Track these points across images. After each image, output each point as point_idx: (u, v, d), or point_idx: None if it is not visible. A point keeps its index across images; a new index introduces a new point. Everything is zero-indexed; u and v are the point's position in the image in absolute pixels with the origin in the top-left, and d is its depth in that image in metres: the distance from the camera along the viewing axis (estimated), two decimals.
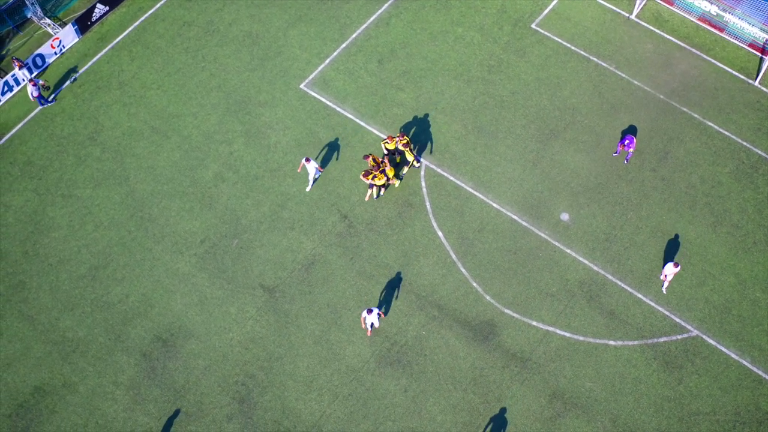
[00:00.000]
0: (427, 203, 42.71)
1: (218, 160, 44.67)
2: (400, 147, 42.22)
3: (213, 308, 40.63)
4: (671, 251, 41.34)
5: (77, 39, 50.05)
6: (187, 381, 39.04)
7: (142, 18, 50.40)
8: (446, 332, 39.57)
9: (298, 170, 43.22)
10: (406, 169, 43.45)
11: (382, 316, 38.85)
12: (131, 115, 46.61)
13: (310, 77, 47.19)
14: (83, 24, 49.91)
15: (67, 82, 48.02)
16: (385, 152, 42.79)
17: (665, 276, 39.34)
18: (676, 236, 41.80)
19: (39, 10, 50.21)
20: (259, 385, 38.65)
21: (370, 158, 41.57)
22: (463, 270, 41.02)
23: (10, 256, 42.83)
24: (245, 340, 39.73)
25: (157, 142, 45.57)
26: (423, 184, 43.25)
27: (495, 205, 42.69)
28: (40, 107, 47.17)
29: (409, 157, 42.71)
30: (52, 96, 47.80)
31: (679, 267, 38.69)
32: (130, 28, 50.07)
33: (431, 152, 44.26)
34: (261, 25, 49.47)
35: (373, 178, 41.03)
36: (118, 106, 47.06)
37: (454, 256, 41.34)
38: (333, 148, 44.63)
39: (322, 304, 40.37)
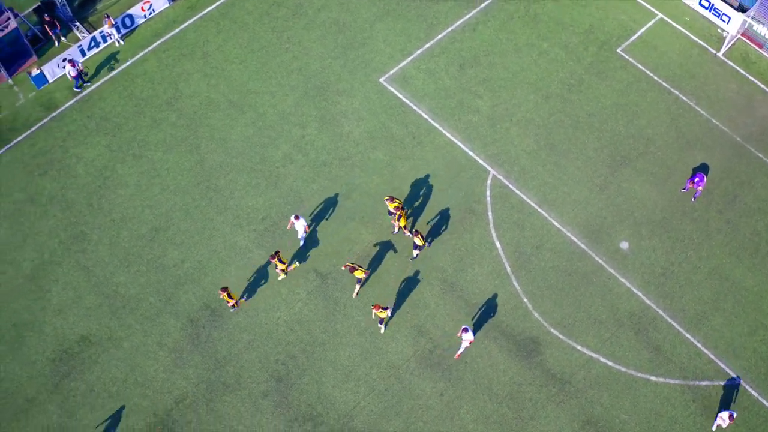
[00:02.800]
0: (490, 213, 42.76)
1: (290, 141, 45.13)
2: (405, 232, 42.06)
3: (265, 286, 41.10)
4: (726, 295, 40.91)
5: (168, 5, 50.82)
6: (229, 352, 39.58)
7: None
8: (490, 343, 39.62)
9: (288, 228, 42.42)
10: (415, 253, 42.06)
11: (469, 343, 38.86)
12: (211, 86, 47.28)
13: (391, 72, 47.43)
14: None
15: (109, 74, 48.80)
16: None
17: (719, 423, 38.06)
18: (734, 281, 41.37)
19: None
20: (299, 367, 39.04)
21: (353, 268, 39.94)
22: (516, 284, 41.02)
23: (76, 207, 43.72)
24: (291, 321, 40.15)
25: (232, 116, 46.17)
26: (488, 193, 43.29)
27: (556, 224, 42.60)
28: (76, 89, 48.22)
29: (418, 242, 41.01)
30: (86, 82, 48.60)
31: (733, 419, 37.48)
32: (220, 1, 50.71)
33: (500, 163, 44.27)
34: (349, 14, 49.82)
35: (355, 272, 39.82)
36: (199, 75, 47.75)
37: (508, 269, 41.35)
38: (404, 144, 44.84)
39: (371, 297, 40.62)
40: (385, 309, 38.67)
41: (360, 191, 43.43)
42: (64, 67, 47.64)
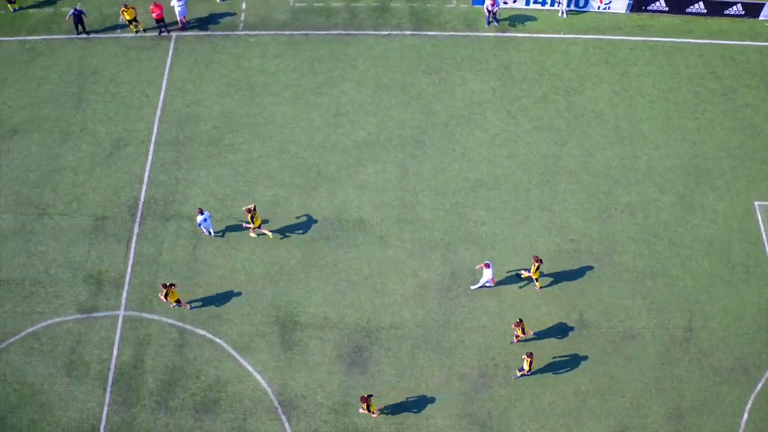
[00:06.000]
0: (760, 384, 40.29)
1: (641, 195, 44.09)
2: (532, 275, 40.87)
3: (527, 292, 40.93)
4: None
5: (625, 12, 50.94)
6: (461, 322, 39.99)
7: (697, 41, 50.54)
8: None
9: (476, 267, 41.30)
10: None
11: None
12: (612, 103, 47.13)
13: None
14: (637, 2, 50.72)
15: (532, 34, 49.76)
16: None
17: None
18: None
19: None
20: (505, 380, 38.67)
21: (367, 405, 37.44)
22: None
23: (432, 118, 45.77)
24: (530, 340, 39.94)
25: (610, 139, 45.80)
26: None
27: None
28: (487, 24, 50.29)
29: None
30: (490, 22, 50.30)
31: None
32: (673, 39, 50.10)
33: None
34: None
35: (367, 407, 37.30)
36: (607, 87, 47.80)
37: None
38: (734, 270, 42.41)
39: (604, 372, 39.69)
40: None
41: (666, 278, 41.92)
42: None
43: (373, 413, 37.44)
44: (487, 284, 40.70)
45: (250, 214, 41.28)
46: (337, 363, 39.03)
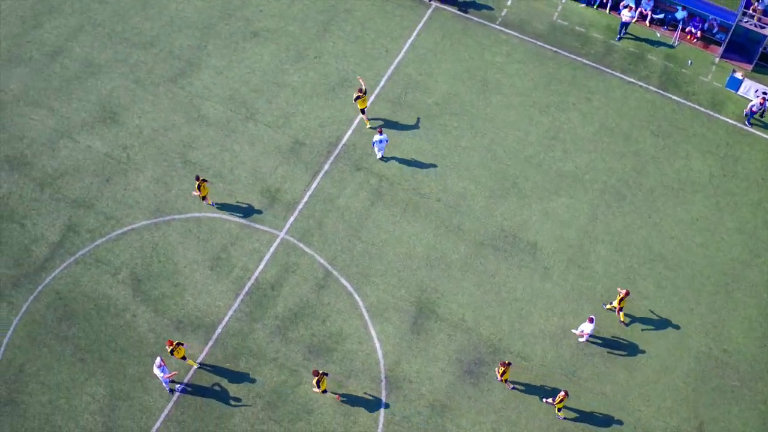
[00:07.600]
0: None
1: None
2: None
3: (653, 383, 39.96)
4: None
5: None
6: (586, 379, 39.32)
7: None
8: None
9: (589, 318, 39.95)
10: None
11: None
12: None
13: None
14: None
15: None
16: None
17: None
18: None
19: None
20: None
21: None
22: None
23: (635, 187, 44.38)
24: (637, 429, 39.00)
25: None
26: None
27: None
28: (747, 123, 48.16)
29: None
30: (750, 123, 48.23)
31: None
32: None
33: None
34: None
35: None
36: None
37: None
38: None
39: None
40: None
41: None
42: (758, 96, 47.68)
43: (325, 392, 37.78)
44: (583, 334, 39.96)
45: (359, 93, 43.60)
46: (455, 365, 39.18)
